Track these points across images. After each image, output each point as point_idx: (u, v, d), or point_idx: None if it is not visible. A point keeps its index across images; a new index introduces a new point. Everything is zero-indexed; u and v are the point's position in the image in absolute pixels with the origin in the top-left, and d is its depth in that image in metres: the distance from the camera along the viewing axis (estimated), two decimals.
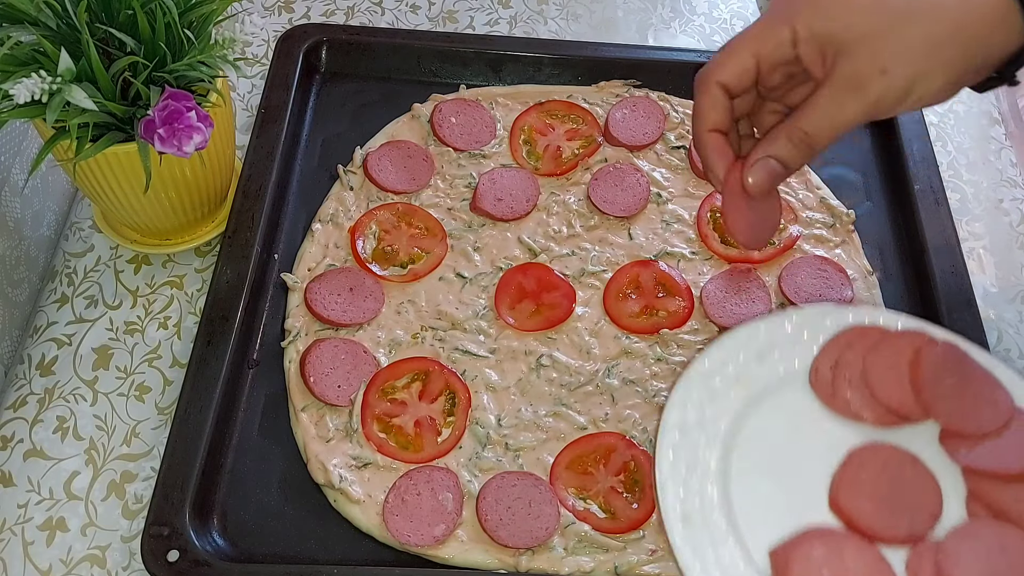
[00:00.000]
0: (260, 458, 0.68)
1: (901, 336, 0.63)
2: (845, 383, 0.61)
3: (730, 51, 0.50)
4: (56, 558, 0.64)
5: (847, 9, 0.48)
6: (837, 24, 0.48)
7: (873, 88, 0.48)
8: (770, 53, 0.49)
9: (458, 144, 0.85)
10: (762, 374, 0.61)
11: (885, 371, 0.61)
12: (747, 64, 0.50)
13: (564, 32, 0.98)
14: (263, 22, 0.97)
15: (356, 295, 0.74)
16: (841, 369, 0.61)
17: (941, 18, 0.47)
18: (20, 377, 0.72)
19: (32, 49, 0.60)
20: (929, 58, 0.47)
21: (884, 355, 0.62)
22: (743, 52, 0.50)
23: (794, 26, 0.48)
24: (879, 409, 0.60)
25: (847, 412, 0.60)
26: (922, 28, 0.47)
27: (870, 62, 0.47)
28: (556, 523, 0.65)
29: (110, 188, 0.68)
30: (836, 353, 0.62)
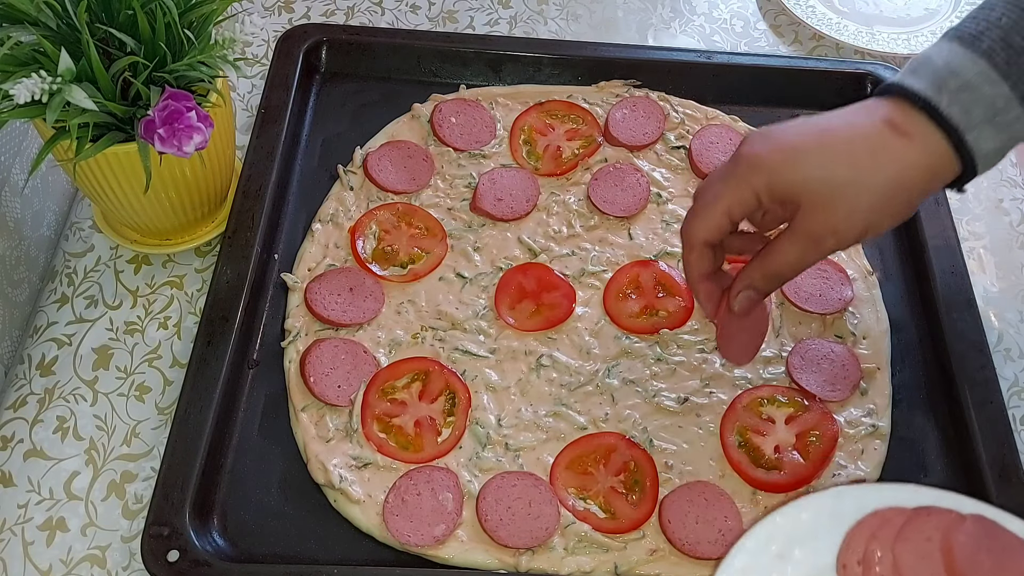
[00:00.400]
0: (260, 458, 0.68)
1: (925, 518, 0.59)
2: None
3: (706, 209, 0.58)
4: (56, 558, 0.64)
5: (801, 177, 0.54)
6: (794, 190, 0.55)
7: (827, 244, 0.56)
8: (740, 210, 0.57)
9: (458, 144, 0.85)
10: None
11: (917, 562, 0.57)
12: (722, 222, 0.57)
13: (564, 32, 0.98)
14: (263, 22, 0.97)
15: (356, 295, 0.74)
16: (870, 564, 0.58)
17: (884, 183, 0.53)
18: (20, 377, 0.72)
19: (32, 49, 0.60)
20: (875, 215, 0.54)
21: (912, 543, 0.58)
22: (717, 212, 0.57)
23: (756, 190, 0.56)
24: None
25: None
26: (867, 197, 0.53)
27: (824, 224, 0.55)
28: (556, 523, 0.65)
29: (110, 188, 0.68)
30: (861, 546, 0.59)
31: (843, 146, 0.54)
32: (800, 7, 1.00)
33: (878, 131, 0.54)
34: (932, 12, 1.03)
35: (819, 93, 0.90)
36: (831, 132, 0.55)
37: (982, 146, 0.54)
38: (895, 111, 0.54)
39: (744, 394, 0.72)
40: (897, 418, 0.72)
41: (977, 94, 0.53)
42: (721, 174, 0.57)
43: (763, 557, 0.59)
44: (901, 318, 0.78)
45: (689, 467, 0.69)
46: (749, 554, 0.59)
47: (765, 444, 0.69)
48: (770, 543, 0.60)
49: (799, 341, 0.75)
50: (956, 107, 0.53)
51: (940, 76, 0.54)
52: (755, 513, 0.66)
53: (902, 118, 0.54)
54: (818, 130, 0.55)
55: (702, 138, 0.85)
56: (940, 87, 0.53)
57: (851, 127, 0.55)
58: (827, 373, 0.73)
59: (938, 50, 0.55)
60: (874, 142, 0.54)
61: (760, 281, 0.60)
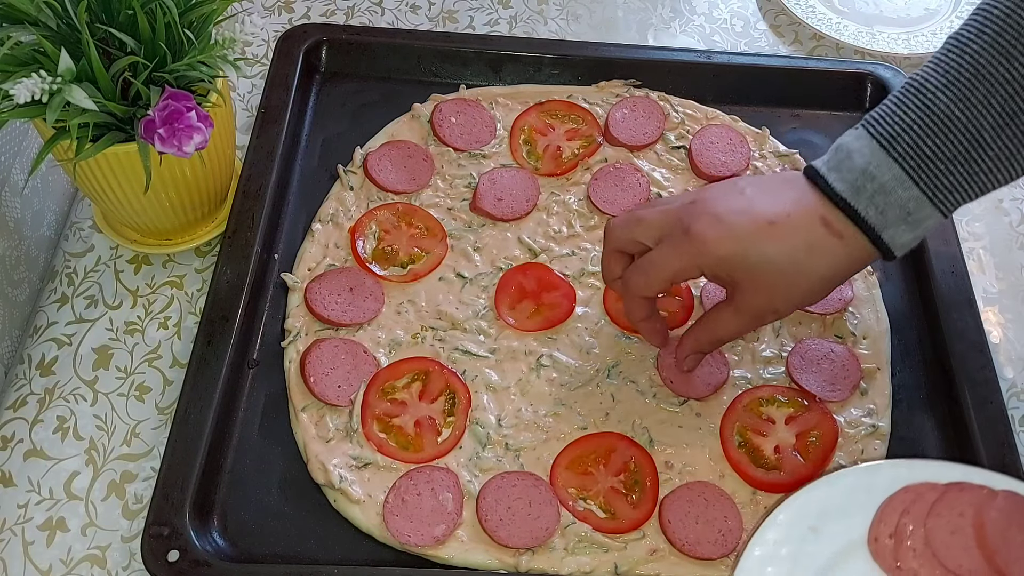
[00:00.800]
0: (260, 458, 0.68)
1: (957, 494, 0.60)
2: (909, 553, 0.58)
3: (651, 272, 0.63)
4: (56, 558, 0.64)
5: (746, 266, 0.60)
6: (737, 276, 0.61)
7: (767, 319, 0.64)
8: (683, 279, 0.64)
9: (458, 144, 0.85)
10: (820, 550, 0.59)
11: (949, 537, 0.58)
12: (663, 286, 0.64)
13: (564, 32, 0.98)
14: (263, 22, 0.97)
15: (356, 295, 0.74)
16: (902, 538, 0.59)
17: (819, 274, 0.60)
18: (20, 377, 0.72)
19: (32, 49, 0.60)
20: (810, 296, 0.62)
21: (944, 519, 0.59)
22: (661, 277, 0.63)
23: (701, 268, 0.61)
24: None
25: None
26: (804, 284, 0.61)
27: (765, 304, 0.62)
28: (556, 523, 0.65)
29: (110, 188, 0.68)
30: (893, 520, 0.60)
31: (785, 241, 0.60)
32: (800, 7, 1.00)
33: (815, 229, 0.60)
34: (932, 12, 1.03)
35: (819, 93, 0.90)
36: (775, 226, 0.60)
37: (897, 241, 0.59)
38: (825, 210, 0.60)
39: (744, 394, 0.72)
40: (897, 418, 0.72)
41: (891, 197, 0.58)
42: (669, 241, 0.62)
43: (796, 530, 0.60)
44: (901, 318, 0.78)
45: (689, 467, 0.69)
46: (782, 527, 0.60)
47: (765, 444, 0.69)
48: (804, 517, 0.61)
49: (799, 341, 0.75)
50: (872, 209, 0.58)
51: (859, 178, 0.59)
52: (755, 513, 0.66)
53: (832, 217, 0.59)
54: (764, 222, 0.60)
55: (702, 138, 0.85)
56: (859, 190, 0.59)
57: (791, 222, 0.60)
58: (827, 373, 0.73)
59: (859, 146, 0.59)
60: (811, 240, 0.60)
61: (706, 345, 0.67)
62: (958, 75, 0.56)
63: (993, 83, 0.55)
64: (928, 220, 0.59)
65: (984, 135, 0.56)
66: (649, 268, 0.63)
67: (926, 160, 0.57)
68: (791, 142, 0.87)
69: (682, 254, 0.61)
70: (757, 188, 0.62)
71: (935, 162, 0.57)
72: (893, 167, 0.58)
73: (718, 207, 0.61)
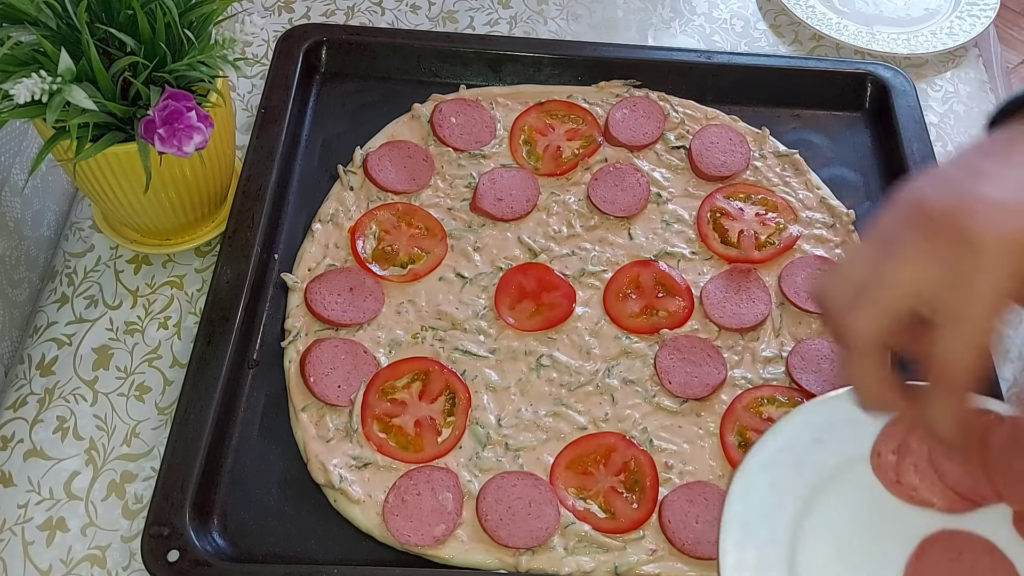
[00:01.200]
0: (260, 458, 0.68)
1: None
2: (911, 469, 0.58)
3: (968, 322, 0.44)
4: (56, 558, 0.64)
5: None
6: None
7: None
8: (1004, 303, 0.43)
9: (458, 144, 0.85)
10: (823, 460, 0.59)
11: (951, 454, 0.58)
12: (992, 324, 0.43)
13: (564, 32, 0.98)
14: (263, 22, 0.97)
15: (356, 295, 0.74)
16: (905, 454, 0.59)
17: None
18: (20, 377, 0.72)
19: (32, 49, 0.60)
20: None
21: None
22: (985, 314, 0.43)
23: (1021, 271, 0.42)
24: (949, 495, 0.58)
25: (915, 499, 0.58)
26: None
27: None
28: (556, 523, 0.65)
29: (110, 188, 0.68)
30: (898, 436, 0.59)
31: None
32: (800, 7, 1.00)
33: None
34: (932, 12, 1.03)
35: (819, 93, 0.90)
36: None
37: None
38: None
39: (744, 394, 0.72)
40: None
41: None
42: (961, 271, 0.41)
43: (801, 439, 0.60)
44: None
45: (689, 467, 0.69)
46: (786, 436, 0.60)
47: None
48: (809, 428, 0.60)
49: (799, 341, 0.75)
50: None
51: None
52: None
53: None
54: None
55: (702, 138, 0.85)
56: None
57: None
58: (827, 373, 0.73)
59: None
60: None
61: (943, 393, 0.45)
62: None
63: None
64: None
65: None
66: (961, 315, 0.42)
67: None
68: (791, 142, 0.87)
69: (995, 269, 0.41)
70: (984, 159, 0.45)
71: None
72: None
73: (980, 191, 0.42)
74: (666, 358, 0.73)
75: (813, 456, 0.59)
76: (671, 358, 0.73)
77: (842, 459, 0.60)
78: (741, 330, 0.75)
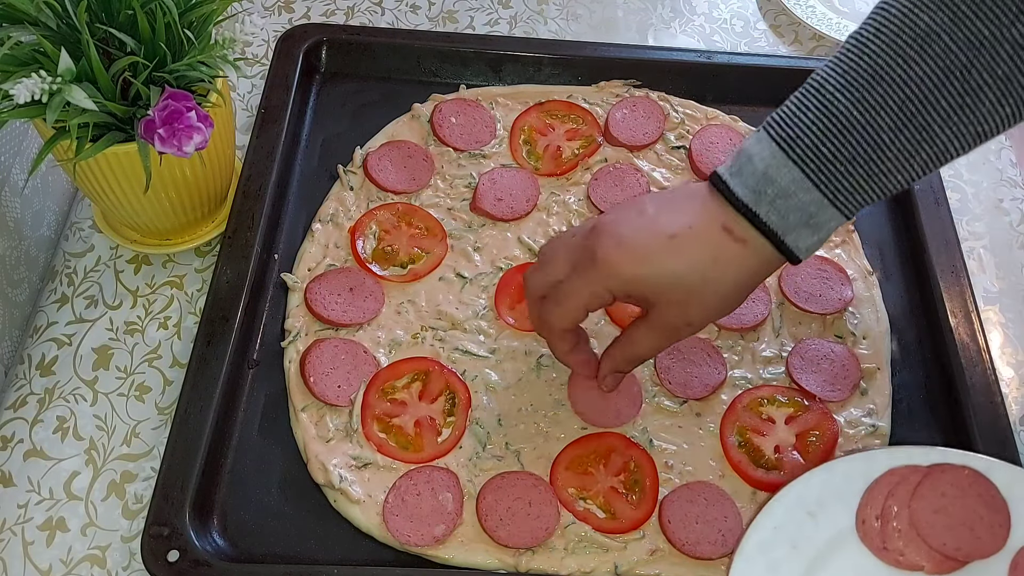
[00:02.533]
0: (260, 458, 0.68)
1: (939, 475, 0.62)
2: (895, 534, 0.60)
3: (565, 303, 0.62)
4: (56, 558, 0.64)
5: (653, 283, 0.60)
6: (646, 293, 0.60)
7: (683, 333, 0.62)
8: (596, 304, 0.62)
9: (458, 144, 0.85)
10: (815, 535, 0.61)
11: (932, 516, 0.60)
12: (578, 315, 0.63)
13: (564, 32, 0.98)
14: (263, 22, 0.97)
15: (356, 295, 0.74)
16: (887, 520, 0.60)
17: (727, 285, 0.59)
18: (20, 377, 0.72)
19: (32, 49, 0.60)
20: (723, 306, 0.61)
21: (927, 500, 0.61)
22: (574, 307, 0.62)
23: (611, 290, 0.61)
24: (935, 557, 0.59)
25: (903, 564, 0.59)
26: (713, 296, 0.60)
27: (678, 317, 0.61)
28: (556, 523, 0.65)
29: (110, 188, 0.68)
30: (879, 503, 0.61)
31: (689, 254, 0.59)
32: (800, 7, 1.00)
33: (718, 239, 0.58)
34: None
35: None
36: (677, 239, 0.59)
37: (800, 244, 0.58)
38: (727, 216, 0.58)
39: (744, 394, 0.72)
40: (897, 418, 0.72)
41: (792, 201, 0.57)
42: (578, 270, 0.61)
43: (795, 515, 0.62)
44: (901, 318, 0.78)
45: (689, 467, 0.69)
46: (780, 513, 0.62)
47: (765, 444, 0.69)
48: (802, 503, 0.62)
49: (799, 341, 0.75)
50: (774, 214, 0.57)
51: (759, 182, 0.57)
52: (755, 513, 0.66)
53: (734, 224, 0.58)
54: (665, 237, 0.59)
55: (702, 138, 0.85)
56: (760, 195, 0.57)
57: (693, 234, 0.59)
58: (827, 373, 0.73)
59: (759, 150, 0.58)
60: (716, 250, 0.59)
61: (623, 364, 0.66)
62: (856, 76, 0.55)
63: (890, 85, 0.54)
64: (830, 223, 0.58)
65: (882, 136, 0.55)
66: (562, 300, 0.62)
67: (825, 162, 0.56)
68: None
69: (591, 281, 0.60)
70: (659, 204, 0.62)
71: (834, 164, 0.56)
72: (793, 170, 0.56)
73: (620, 228, 0.60)
74: (666, 358, 0.73)
75: (806, 532, 0.61)
76: (671, 358, 0.73)
77: (834, 532, 0.61)
78: (741, 330, 0.75)
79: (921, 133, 0.54)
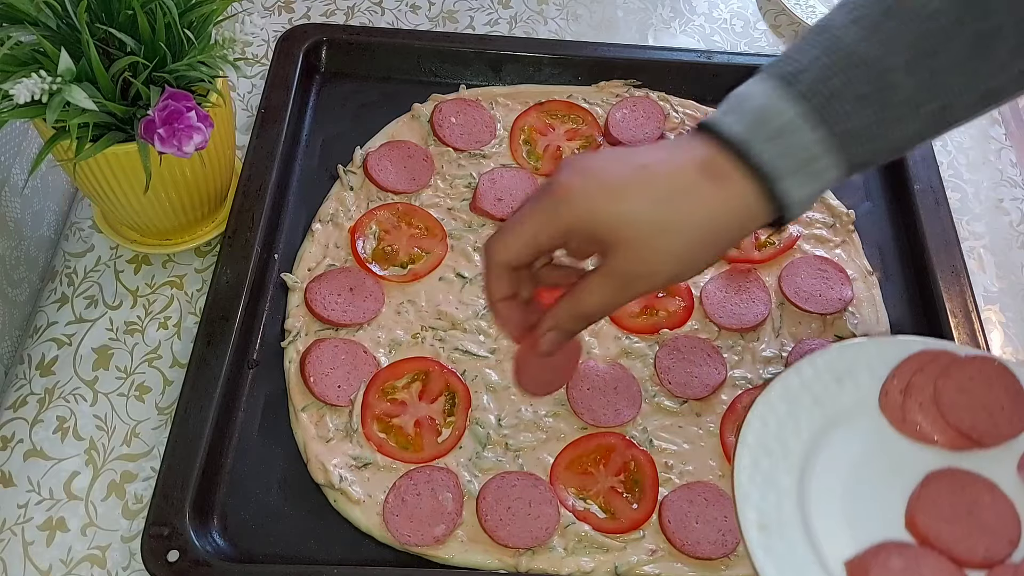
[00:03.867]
0: (260, 458, 0.68)
1: (971, 361, 0.62)
2: (916, 407, 0.60)
3: (511, 232, 0.54)
4: (56, 558, 0.64)
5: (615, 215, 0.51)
6: (607, 228, 0.52)
7: (637, 285, 0.53)
8: (547, 242, 0.54)
9: (458, 144, 0.85)
10: (840, 398, 0.61)
11: (956, 395, 0.60)
12: (524, 250, 0.54)
13: (564, 32, 0.98)
14: (263, 22, 0.97)
15: (356, 295, 0.74)
16: (911, 393, 0.61)
17: (696, 227, 0.51)
18: (20, 377, 0.72)
19: (32, 49, 0.60)
20: (686, 257, 0.52)
21: (954, 379, 0.61)
22: (521, 238, 0.54)
23: (567, 224, 0.52)
24: (950, 432, 0.59)
25: (918, 435, 0.60)
26: (679, 240, 0.51)
27: (637, 263, 0.52)
28: (556, 523, 0.65)
29: (110, 188, 0.68)
30: (907, 376, 0.62)
31: (661, 185, 0.51)
32: (800, 7, 1.00)
33: (693, 173, 0.51)
34: None
35: None
36: (649, 169, 0.52)
37: (793, 194, 0.52)
38: (710, 152, 0.52)
39: (744, 394, 0.72)
40: None
41: (794, 138, 0.51)
42: (534, 198, 0.54)
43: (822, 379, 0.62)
44: (901, 318, 0.78)
45: (689, 467, 0.69)
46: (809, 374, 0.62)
47: None
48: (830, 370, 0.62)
49: (799, 341, 0.75)
50: (769, 153, 0.51)
51: (756, 118, 0.52)
52: None
53: (716, 161, 0.52)
54: (637, 166, 0.52)
55: None
56: (755, 130, 0.51)
57: (668, 166, 0.52)
58: None
59: (757, 88, 0.53)
60: (688, 184, 0.51)
61: (567, 322, 0.56)
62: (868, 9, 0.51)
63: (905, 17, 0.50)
64: (829, 172, 0.52)
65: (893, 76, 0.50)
66: (511, 226, 0.54)
67: (832, 98, 0.51)
68: None
69: (545, 207, 0.52)
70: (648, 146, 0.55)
71: (842, 101, 0.51)
72: (796, 105, 0.51)
73: (588, 161, 0.53)
74: (666, 358, 0.73)
75: (830, 392, 0.61)
76: (671, 358, 0.73)
77: (856, 399, 0.61)
78: (741, 330, 0.75)
79: (933, 77, 0.51)
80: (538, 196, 0.54)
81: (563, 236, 0.53)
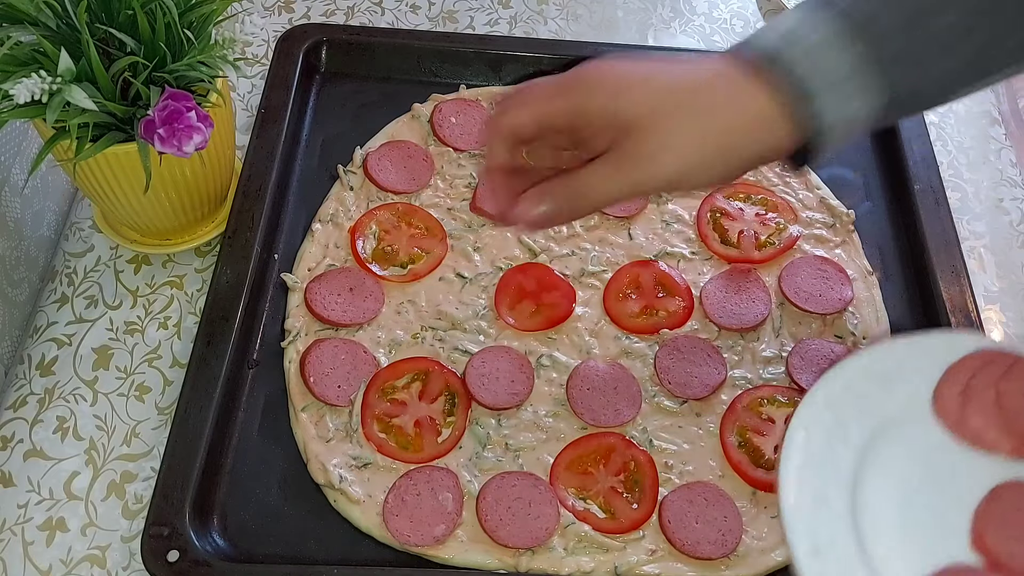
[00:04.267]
0: (260, 458, 0.68)
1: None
2: (976, 412, 0.56)
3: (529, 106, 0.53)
4: (56, 558, 0.64)
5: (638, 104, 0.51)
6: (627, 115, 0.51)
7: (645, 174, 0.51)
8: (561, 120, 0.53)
9: (458, 144, 0.85)
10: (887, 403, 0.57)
11: (1021, 399, 0.56)
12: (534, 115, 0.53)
13: (564, 32, 0.98)
14: (263, 22, 0.97)
15: (356, 295, 0.74)
16: (970, 397, 0.57)
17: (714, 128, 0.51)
18: (20, 377, 0.72)
19: (32, 49, 0.60)
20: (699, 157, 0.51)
21: (1018, 383, 0.57)
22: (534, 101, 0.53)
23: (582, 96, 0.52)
24: (1016, 439, 0.55)
25: (979, 442, 0.56)
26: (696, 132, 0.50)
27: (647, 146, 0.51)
28: (556, 523, 0.65)
29: (110, 188, 0.68)
30: (963, 380, 0.57)
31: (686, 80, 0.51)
32: None
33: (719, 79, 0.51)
34: None
35: None
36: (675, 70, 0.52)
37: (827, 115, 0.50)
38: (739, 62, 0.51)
39: (744, 394, 0.72)
40: None
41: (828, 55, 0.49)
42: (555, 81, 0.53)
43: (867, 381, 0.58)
44: (901, 318, 0.78)
45: (689, 467, 0.69)
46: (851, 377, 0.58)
47: (765, 444, 0.69)
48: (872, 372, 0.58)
49: (799, 341, 0.75)
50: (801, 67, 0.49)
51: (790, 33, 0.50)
52: (755, 513, 0.66)
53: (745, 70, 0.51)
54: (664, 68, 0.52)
55: None
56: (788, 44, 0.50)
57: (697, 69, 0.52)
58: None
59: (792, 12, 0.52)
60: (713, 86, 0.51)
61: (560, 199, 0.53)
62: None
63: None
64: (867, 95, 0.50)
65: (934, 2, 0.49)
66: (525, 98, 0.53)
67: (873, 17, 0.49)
68: None
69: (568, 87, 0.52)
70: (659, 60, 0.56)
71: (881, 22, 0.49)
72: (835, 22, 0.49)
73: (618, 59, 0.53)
74: (666, 358, 0.73)
75: (877, 398, 0.57)
76: (671, 358, 0.73)
77: (906, 403, 0.57)
78: (741, 330, 0.75)
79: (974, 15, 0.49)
80: (561, 78, 0.53)
81: (579, 116, 0.52)
